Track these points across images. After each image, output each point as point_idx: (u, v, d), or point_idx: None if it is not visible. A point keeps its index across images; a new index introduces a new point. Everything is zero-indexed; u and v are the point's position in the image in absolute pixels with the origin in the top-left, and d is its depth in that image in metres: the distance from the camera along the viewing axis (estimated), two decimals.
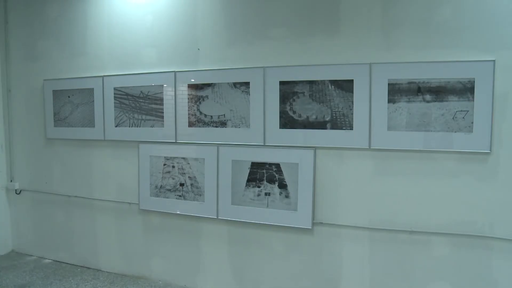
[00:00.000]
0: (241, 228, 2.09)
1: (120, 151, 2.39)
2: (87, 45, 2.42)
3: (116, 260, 2.47)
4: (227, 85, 2.03)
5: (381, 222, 1.84)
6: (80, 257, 2.59)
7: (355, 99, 1.80)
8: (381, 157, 1.81)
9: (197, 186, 2.15)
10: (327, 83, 1.83)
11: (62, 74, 2.51)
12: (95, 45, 2.40)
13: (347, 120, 1.81)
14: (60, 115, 2.51)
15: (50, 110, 2.54)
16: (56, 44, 2.53)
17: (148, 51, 2.25)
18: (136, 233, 2.39)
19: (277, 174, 1.95)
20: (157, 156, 2.24)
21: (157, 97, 2.21)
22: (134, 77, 2.27)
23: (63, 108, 2.50)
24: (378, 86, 1.76)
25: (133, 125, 2.30)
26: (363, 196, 1.86)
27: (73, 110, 2.47)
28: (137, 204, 2.37)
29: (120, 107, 2.33)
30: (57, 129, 2.53)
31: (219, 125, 2.06)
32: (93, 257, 2.54)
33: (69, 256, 2.62)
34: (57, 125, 2.52)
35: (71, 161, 2.55)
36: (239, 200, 2.04)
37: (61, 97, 2.49)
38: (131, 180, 2.36)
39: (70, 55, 2.48)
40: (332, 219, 1.92)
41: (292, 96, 1.90)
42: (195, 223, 2.22)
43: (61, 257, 2.65)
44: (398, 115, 1.73)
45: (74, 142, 2.52)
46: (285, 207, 1.94)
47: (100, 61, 2.40)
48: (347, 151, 1.86)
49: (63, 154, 2.57)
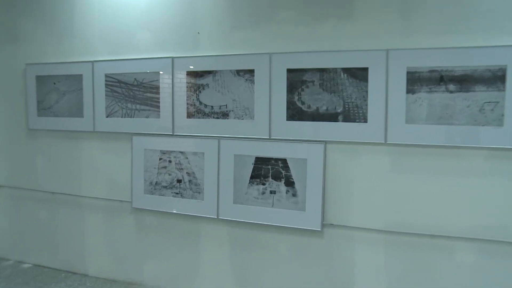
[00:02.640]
0: (244, 229, 2.13)
1: (112, 144, 2.40)
2: (75, 26, 2.42)
3: (105, 264, 2.49)
4: (230, 72, 2.05)
5: (398, 225, 1.85)
6: (64, 261, 2.60)
7: (370, 89, 1.81)
8: (398, 153, 1.83)
9: (196, 183, 2.18)
10: (339, 71, 1.85)
11: (47, 58, 2.50)
12: (84, 26, 2.40)
13: (361, 112, 1.83)
14: (45, 104, 2.52)
15: (33, 98, 2.54)
16: (40, 24, 2.50)
17: (143, 34, 2.27)
18: (128, 234, 2.42)
19: (283, 171, 1.98)
20: (152, 150, 2.27)
21: (152, 85, 2.23)
22: (127, 63, 2.27)
23: (48, 96, 2.51)
24: (396, 75, 1.78)
25: (126, 116, 2.31)
26: (378, 195, 1.87)
27: (59, 99, 2.48)
28: (129, 202, 2.40)
29: (111, 95, 2.34)
30: (41, 119, 2.54)
31: (220, 117, 2.09)
32: (79, 261, 2.56)
33: (52, 259, 2.63)
34: (41, 114, 2.53)
35: (56, 154, 2.57)
36: (242, 199, 2.08)
37: (46, 84, 2.50)
38: (123, 175, 2.38)
39: (56, 37, 2.47)
40: (344, 221, 1.94)
41: (301, 85, 1.92)
42: (194, 223, 2.25)
43: (43, 261, 2.65)
44: (417, 107, 1.75)
45: (60, 134, 2.54)
46: (292, 207, 1.97)
47: (89, 45, 2.40)
48: (360, 146, 1.88)
49: (47, 147, 2.59)
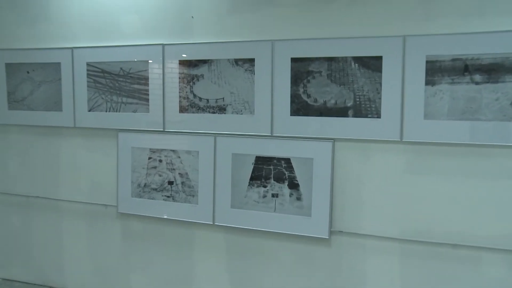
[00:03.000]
0: (243, 237, 2.12)
1: (95, 141, 2.40)
2: (52, 7, 2.41)
3: (86, 276, 2.49)
4: (227, 62, 2.05)
5: (415, 233, 1.84)
6: (40, 274, 2.60)
7: (384, 80, 1.80)
8: (416, 152, 1.82)
9: (190, 185, 2.18)
10: (349, 61, 1.84)
11: (19, 43, 2.48)
12: (62, 8, 2.38)
13: (373, 106, 1.82)
14: (17, 96, 2.51)
15: (3, 88, 2.53)
16: (10, 5, 2.48)
17: (130, 17, 2.26)
18: (113, 243, 2.42)
19: (287, 171, 1.98)
20: (141, 148, 2.28)
21: (140, 75, 2.23)
22: (112, 50, 2.27)
23: (21, 86, 2.50)
24: (414, 64, 1.76)
25: (111, 110, 2.31)
26: (393, 199, 1.87)
27: (34, 90, 2.47)
28: (115, 206, 2.39)
29: (94, 87, 2.34)
30: (12, 112, 2.53)
31: (217, 111, 2.09)
32: (57, 273, 2.56)
33: (25, 272, 2.62)
34: (13, 107, 2.52)
35: (31, 153, 2.56)
36: (241, 203, 2.07)
37: (18, 73, 2.50)
38: (107, 177, 2.39)
39: (29, 20, 2.45)
40: (354, 227, 1.93)
41: (307, 76, 1.91)
42: (187, 230, 2.25)
43: (14, 274, 2.64)
44: (438, 100, 1.74)
45: (36, 130, 2.53)
46: (297, 212, 1.97)
47: (68, 29, 2.39)
48: (373, 144, 1.87)
49: (20, 144, 2.58)
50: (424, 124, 1.76)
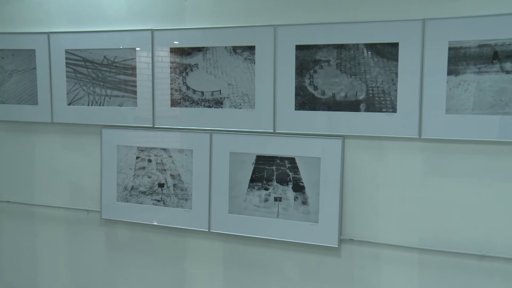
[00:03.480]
0: (242, 246, 2.09)
1: (75, 138, 2.35)
2: None
3: None
4: (224, 50, 2.00)
5: (436, 241, 1.79)
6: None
7: (401, 70, 1.74)
8: (437, 151, 1.76)
9: (182, 188, 2.15)
10: (361, 48, 1.79)
11: None
12: None
13: (388, 99, 1.77)
14: None
15: None
16: None
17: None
18: (95, 253, 2.36)
19: (291, 172, 1.94)
20: (128, 146, 2.24)
21: (127, 65, 2.18)
22: (94, 36, 2.22)
23: None
24: (434, 52, 1.69)
25: (94, 103, 2.26)
26: (411, 204, 1.81)
27: (4, 80, 2.40)
28: (98, 212, 2.33)
29: (75, 77, 2.27)
30: None
31: (213, 105, 2.05)
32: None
33: None
34: None
35: (1, 152, 2.52)
36: (239, 208, 2.05)
37: None
38: (89, 179, 2.34)
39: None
40: (367, 235, 1.89)
41: (313, 66, 1.86)
42: (179, 238, 2.21)
43: None
44: (462, 92, 1.67)
45: (7, 126, 2.48)
46: (302, 218, 1.94)
47: (44, 11, 2.32)
48: (388, 141, 1.82)
49: None
50: (446, 119, 1.71)
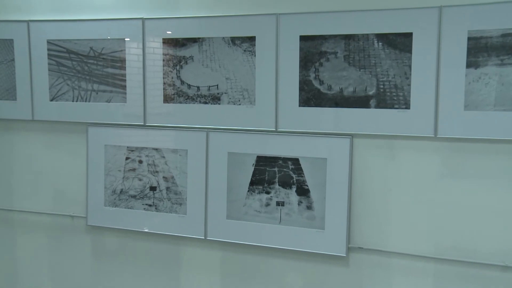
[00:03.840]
0: (241, 254, 2.05)
1: (58, 137, 2.29)
2: None
3: None
4: (222, 41, 1.97)
5: (454, 250, 1.74)
6: None
7: (415, 63, 1.70)
8: (454, 151, 1.72)
9: (176, 191, 2.12)
10: (371, 39, 1.75)
11: None
12: None
13: (401, 94, 1.73)
14: None
15: None
16: None
17: None
18: (81, 263, 2.32)
19: (295, 175, 1.91)
20: (116, 146, 2.20)
21: (115, 57, 2.13)
22: (79, 25, 2.16)
23: None
24: (452, 42, 1.64)
25: (79, 99, 2.21)
26: (426, 209, 1.78)
27: None
28: (84, 218, 2.27)
29: (58, 70, 2.21)
30: None
31: (209, 101, 2.02)
32: None
33: None
34: None
35: None
36: (239, 213, 2.02)
37: None
38: (74, 182, 2.29)
39: None
40: (378, 243, 1.85)
41: (319, 59, 1.82)
42: (173, 246, 2.17)
43: None
44: (482, 87, 1.62)
45: None
46: (307, 224, 1.91)
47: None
48: (400, 140, 1.77)
49: None
50: (464, 116, 1.66)
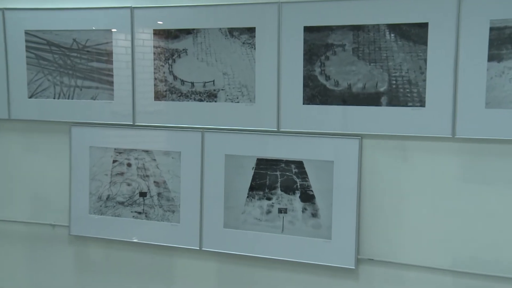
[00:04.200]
0: (239, 266, 2.02)
1: (38, 138, 2.25)
2: None
3: None
4: (219, 32, 1.92)
5: (473, 262, 1.71)
6: None
7: (431, 56, 1.64)
8: (474, 153, 1.67)
9: (169, 198, 2.07)
10: (383, 30, 1.70)
11: None
12: None
13: (415, 90, 1.68)
14: None
15: None
16: None
17: None
18: (63, 276, 2.27)
19: (298, 179, 1.87)
20: (102, 148, 2.15)
21: (101, 49, 2.08)
22: (61, 15, 2.10)
23: None
24: (472, 33, 1.59)
25: (61, 96, 2.16)
26: (443, 217, 1.74)
27: None
28: (66, 227, 2.21)
29: (37, 64, 2.17)
30: None
31: (205, 98, 1.98)
32: None
33: None
34: None
35: None
36: (237, 221, 1.98)
37: None
38: (56, 187, 2.24)
39: None
40: (390, 254, 1.80)
41: (325, 52, 1.78)
42: (165, 257, 2.12)
43: None
44: (506, 82, 1.57)
45: None
46: (312, 233, 1.86)
47: None
48: (414, 141, 1.73)
49: None
50: (486, 115, 1.61)
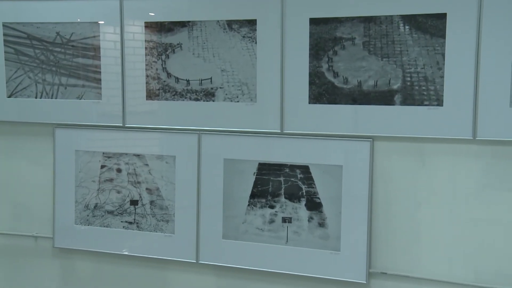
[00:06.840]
0: (240, 280, 1.98)
1: (19, 141, 2.21)
2: None
3: None
4: (216, 25, 1.88)
5: (497, 277, 1.67)
6: None
7: (449, 50, 1.60)
8: (498, 156, 1.63)
9: (162, 206, 2.02)
10: (396, 21, 1.67)
11: None
12: None
13: (432, 88, 1.64)
14: None
15: None
16: None
17: None
18: None
19: (304, 185, 1.84)
20: (90, 152, 2.11)
21: (88, 44, 2.04)
22: (43, 6, 2.06)
23: None
24: (494, 25, 1.56)
25: (44, 95, 2.12)
26: (463, 226, 1.70)
27: None
28: (50, 238, 2.16)
29: (17, 60, 2.13)
30: None
31: (202, 97, 1.95)
32: None
33: None
34: None
35: None
36: (237, 231, 1.93)
37: None
38: (38, 195, 2.19)
39: None
40: (405, 268, 1.76)
41: (333, 46, 1.74)
42: (158, 271, 2.07)
43: None
44: None
45: None
46: (319, 244, 1.82)
47: None
48: (431, 144, 1.69)
49: None
50: (510, 115, 1.57)
